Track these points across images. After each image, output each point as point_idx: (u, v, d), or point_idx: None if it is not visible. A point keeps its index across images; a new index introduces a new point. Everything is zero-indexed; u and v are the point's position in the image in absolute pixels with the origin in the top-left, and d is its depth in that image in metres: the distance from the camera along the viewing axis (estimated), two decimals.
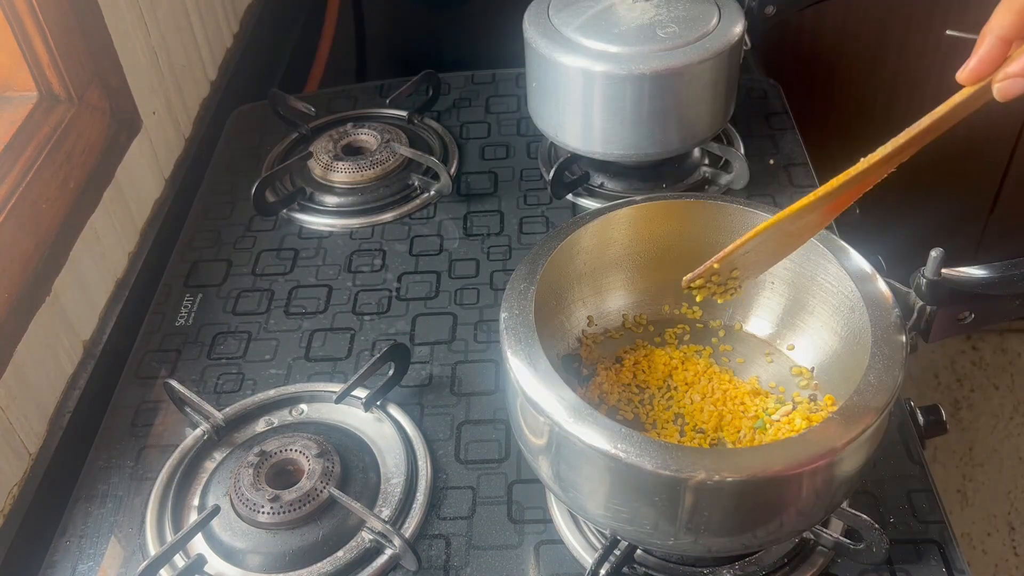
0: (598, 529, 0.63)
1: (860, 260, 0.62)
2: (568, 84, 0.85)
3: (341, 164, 0.95)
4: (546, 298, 0.65)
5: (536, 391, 0.55)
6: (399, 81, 1.07)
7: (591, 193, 0.94)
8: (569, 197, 0.93)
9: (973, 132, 1.38)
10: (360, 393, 0.73)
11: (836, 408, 0.54)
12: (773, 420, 0.64)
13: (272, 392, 0.75)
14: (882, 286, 0.60)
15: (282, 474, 0.67)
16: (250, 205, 0.91)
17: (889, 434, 0.68)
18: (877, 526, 0.58)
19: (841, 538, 0.61)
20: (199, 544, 0.65)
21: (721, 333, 0.72)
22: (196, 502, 0.68)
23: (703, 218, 0.68)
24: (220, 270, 0.88)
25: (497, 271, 0.86)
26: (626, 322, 0.73)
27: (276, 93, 1.02)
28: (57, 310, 0.78)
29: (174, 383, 0.72)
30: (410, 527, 0.65)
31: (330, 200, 0.94)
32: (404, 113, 1.05)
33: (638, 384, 0.68)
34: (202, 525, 0.64)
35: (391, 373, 0.74)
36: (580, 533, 0.64)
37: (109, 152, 0.87)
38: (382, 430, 0.72)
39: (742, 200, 0.68)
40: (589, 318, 0.72)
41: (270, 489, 0.64)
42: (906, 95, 1.45)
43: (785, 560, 0.61)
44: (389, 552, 0.63)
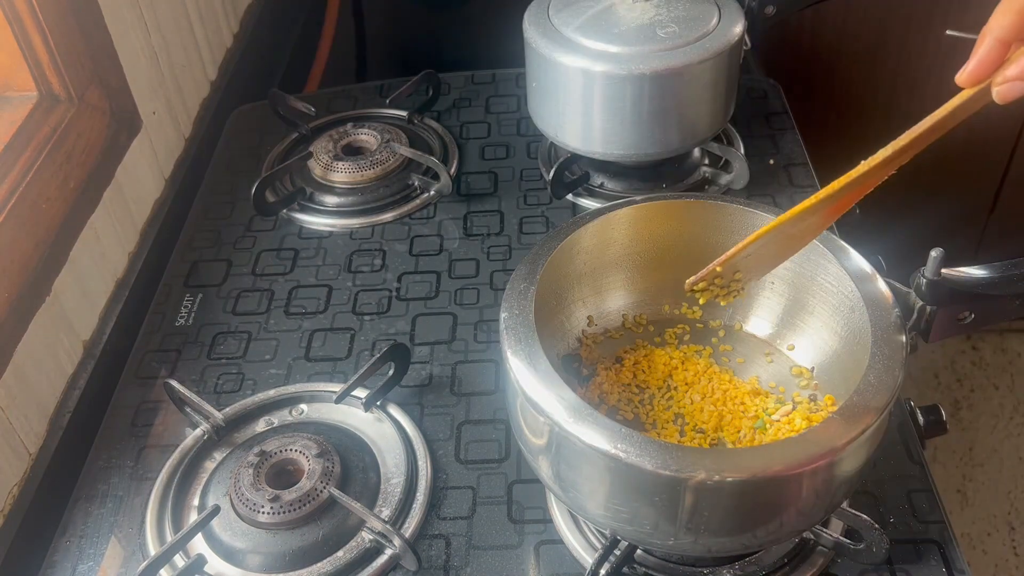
0: (598, 529, 0.63)
1: (860, 260, 0.62)
2: (568, 84, 0.85)
3: (341, 164, 0.95)
4: (546, 298, 0.65)
5: (536, 391, 0.55)
6: (399, 81, 1.07)
7: (591, 193, 0.94)
8: (569, 197, 0.93)
9: (973, 133, 1.39)
10: (360, 393, 0.73)
11: (836, 408, 0.54)
12: (773, 420, 0.64)
13: (272, 392, 0.75)
14: (882, 286, 0.60)
15: (282, 474, 0.67)
16: (250, 205, 0.91)
17: (889, 434, 0.68)
18: (877, 526, 0.58)
19: (841, 538, 0.61)
20: (199, 544, 0.65)
21: (721, 333, 0.72)
22: (196, 502, 0.68)
23: (703, 218, 0.68)
24: (220, 270, 0.88)
25: (497, 271, 0.86)
26: (626, 322, 0.73)
27: (276, 93, 1.02)
28: (57, 310, 0.78)
29: (174, 383, 0.72)
30: (410, 527, 0.65)
31: (330, 200, 0.94)
32: (404, 113, 1.05)
33: (638, 384, 0.68)
34: (202, 525, 0.64)
35: (391, 373, 0.74)
36: (580, 533, 0.64)
37: (109, 152, 0.87)
38: (382, 430, 0.72)
39: (742, 200, 0.68)
40: (589, 318, 0.72)
41: (270, 489, 0.64)
42: (906, 95, 1.45)
43: (785, 560, 0.61)
44: (389, 552, 0.63)
